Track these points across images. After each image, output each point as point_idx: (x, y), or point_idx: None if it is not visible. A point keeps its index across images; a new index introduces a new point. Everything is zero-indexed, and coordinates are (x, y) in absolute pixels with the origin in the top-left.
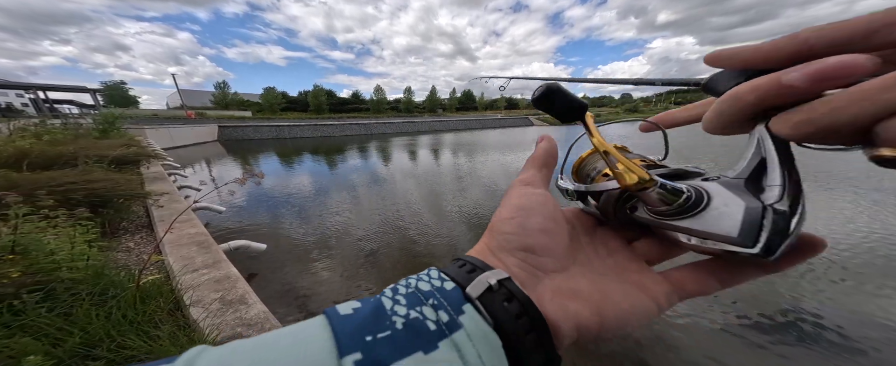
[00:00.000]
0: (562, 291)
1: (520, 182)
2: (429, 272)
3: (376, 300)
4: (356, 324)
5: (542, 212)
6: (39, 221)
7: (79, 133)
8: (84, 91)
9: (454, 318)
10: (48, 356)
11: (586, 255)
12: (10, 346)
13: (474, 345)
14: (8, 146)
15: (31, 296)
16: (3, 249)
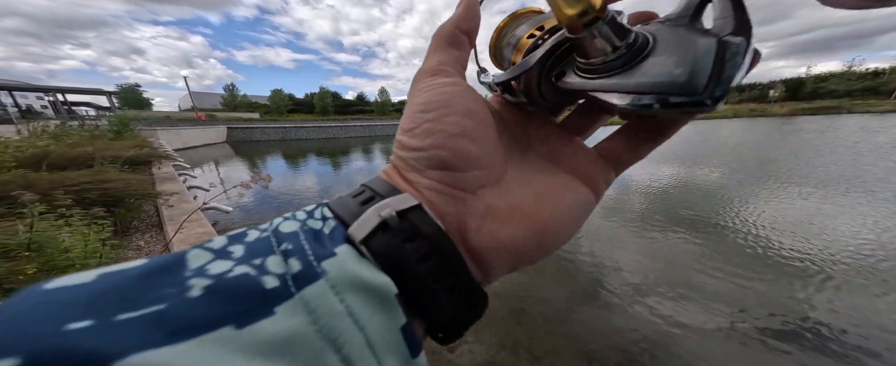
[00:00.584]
0: (493, 212)
1: (424, 72)
2: (313, 209)
3: (174, 257)
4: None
5: (459, 109)
6: (55, 219)
7: (94, 134)
8: (100, 93)
9: (311, 266)
10: None
11: (520, 151)
12: None
13: (342, 299)
14: (28, 147)
15: None
16: (19, 246)
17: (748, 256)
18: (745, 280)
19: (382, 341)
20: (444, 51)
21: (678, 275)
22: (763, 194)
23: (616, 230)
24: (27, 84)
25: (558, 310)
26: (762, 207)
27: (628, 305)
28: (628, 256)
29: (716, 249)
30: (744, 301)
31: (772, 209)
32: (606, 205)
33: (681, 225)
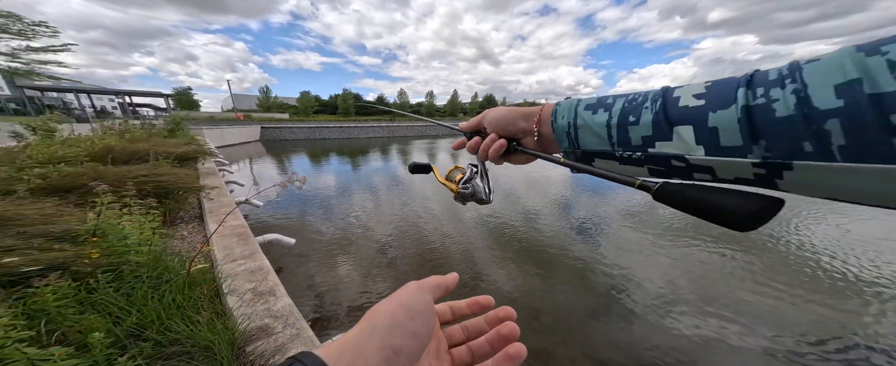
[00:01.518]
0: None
1: (417, 284)
2: None
3: None
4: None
5: (422, 316)
6: (119, 209)
7: (152, 132)
8: (159, 96)
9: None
10: (109, 334)
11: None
12: (80, 322)
13: None
14: (98, 143)
15: (105, 276)
16: (87, 231)
17: (799, 274)
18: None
19: None
20: (436, 284)
21: (713, 291)
22: (821, 208)
23: (643, 242)
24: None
25: (576, 319)
26: (821, 223)
27: (653, 319)
28: (656, 268)
29: (761, 265)
30: (789, 321)
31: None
32: (633, 215)
33: (720, 239)
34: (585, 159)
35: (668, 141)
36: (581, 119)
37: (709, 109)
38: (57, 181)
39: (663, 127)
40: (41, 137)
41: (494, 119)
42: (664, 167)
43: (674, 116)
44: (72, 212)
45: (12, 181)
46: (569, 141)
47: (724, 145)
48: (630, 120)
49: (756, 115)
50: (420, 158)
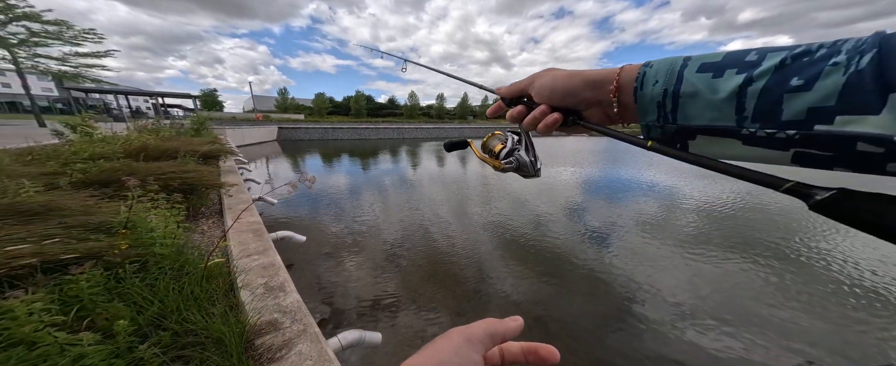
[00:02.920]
0: None
1: (464, 335)
2: None
3: None
4: None
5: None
6: (148, 202)
7: (180, 132)
8: (189, 97)
9: None
10: (132, 322)
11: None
12: (108, 309)
13: None
14: (133, 141)
15: (132, 267)
16: (119, 224)
17: (832, 292)
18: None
19: None
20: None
21: (735, 305)
22: None
23: (661, 251)
24: (137, 89)
25: (584, 328)
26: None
27: (666, 331)
28: (673, 279)
29: (790, 280)
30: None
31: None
32: (650, 223)
33: (745, 250)
34: (679, 137)
35: (866, 115)
36: (688, 85)
37: None
38: (96, 175)
39: (867, 93)
40: (81, 135)
41: (546, 87)
42: (833, 153)
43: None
44: (108, 204)
45: (57, 175)
46: (659, 113)
47: None
48: (792, 84)
49: None
50: (429, 158)
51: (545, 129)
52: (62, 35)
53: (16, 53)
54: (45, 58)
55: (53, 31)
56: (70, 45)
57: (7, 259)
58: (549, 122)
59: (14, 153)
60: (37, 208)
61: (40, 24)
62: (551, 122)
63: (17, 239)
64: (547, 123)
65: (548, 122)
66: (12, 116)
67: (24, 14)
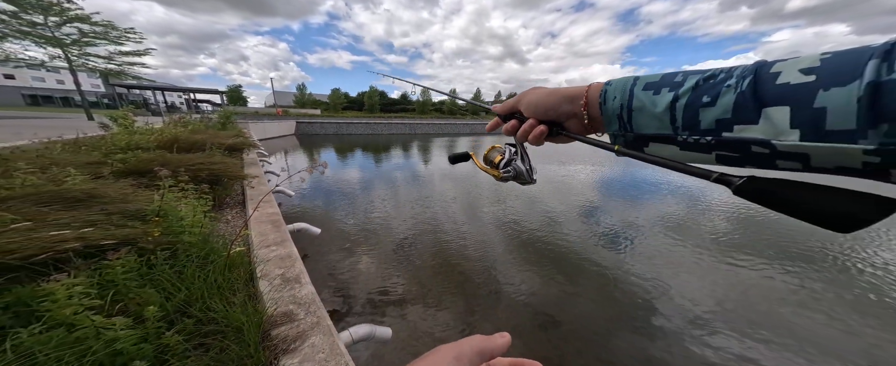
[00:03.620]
0: None
1: (453, 352)
2: None
3: None
4: None
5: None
6: (178, 192)
7: (208, 125)
8: (216, 93)
9: None
10: (161, 308)
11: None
12: (140, 295)
13: None
14: (166, 133)
15: (162, 254)
16: (153, 212)
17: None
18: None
19: None
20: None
21: (761, 314)
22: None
23: (683, 255)
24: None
25: (596, 330)
26: None
27: (681, 337)
28: (693, 285)
29: (825, 289)
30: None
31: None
32: (671, 225)
33: (776, 257)
34: (637, 144)
35: (751, 124)
36: (637, 100)
37: (820, 86)
38: (134, 165)
39: (749, 108)
40: (122, 128)
41: (532, 104)
42: (739, 154)
43: (767, 95)
44: (143, 193)
45: (101, 165)
46: (620, 123)
47: (830, 129)
48: (703, 101)
49: (886, 93)
50: (440, 155)
51: (535, 139)
52: (108, 35)
53: (69, 52)
54: (93, 56)
55: (100, 31)
56: (114, 44)
57: (53, 243)
58: (537, 133)
59: (65, 144)
60: (81, 196)
61: (89, 25)
62: (539, 133)
63: (62, 224)
64: (535, 134)
65: (536, 133)
66: (66, 110)
67: (77, 16)
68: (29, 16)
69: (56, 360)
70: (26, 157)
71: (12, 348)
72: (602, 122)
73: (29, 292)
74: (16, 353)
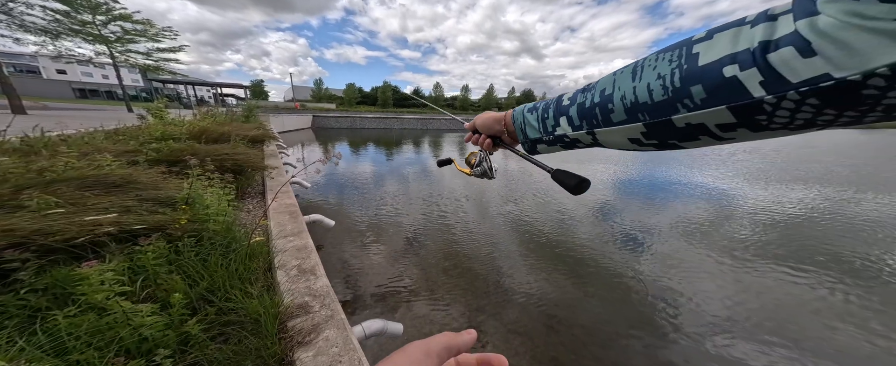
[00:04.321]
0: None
1: (422, 349)
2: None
3: None
4: None
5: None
6: (204, 181)
7: (233, 118)
8: (241, 87)
9: None
10: (185, 295)
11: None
12: (166, 281)
13: None
14: (196, 125)
15: (189, 241)
16: (182, 199)
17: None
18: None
19: None
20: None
21: (785, 324)
22: None
23: (702, 258)
24: (202, 80)
25: (610, 334)
26: None
27: (701, 345)
28: (714, 290)
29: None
30: None
31: None
32: (693, 227)
33: (806, 262)
34: (533, 147)
35: (558, 126)
36: (524, 118)
37: (571, 105)
38: (166, 154)
39: (557, 117)
40: (156, 119)
41: (481, 123)
42: (562, 143)
43: (560, 110)
44: (173, 181)
45: (137, 153)
46: (522, 135)
47: (575, 125)
48: (545, 116)
49: (581, 107)
50: (451, 150)
51: (487, 146)
52: (147, 32)
53: (113, 49)
54: (134, 53)
55: (140, 29)
56: (153, 41)
57: (91, 226)
58: (486, 144)
59: (106, 133)
60: (119, 182)
61: (131, 24)
62: (487, 143)
63: (101, 208)
64: (485, 144)
65: (485, 143)
66: (110, 103)
67: (121, 15)
68: (79, 15)
69: (86, 344)
70: (71, 143)
71: (44, 330)
72: (515, 135)
73: (65, 275)
74: (47, 335)
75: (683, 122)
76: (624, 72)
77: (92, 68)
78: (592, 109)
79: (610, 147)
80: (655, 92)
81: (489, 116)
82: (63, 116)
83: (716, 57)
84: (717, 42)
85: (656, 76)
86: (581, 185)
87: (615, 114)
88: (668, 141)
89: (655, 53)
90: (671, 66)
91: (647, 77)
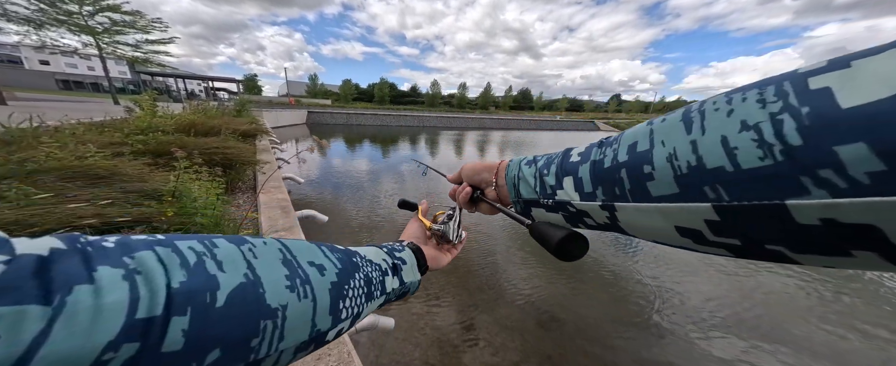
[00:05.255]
0: (424, 249)
1: (412, 221)
2: (400, 243)
3: (378, 244)
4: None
5: (417, 231)
6: (192, 174)
7: (224, 112)
8: (233, 81)
9: (402, 246)
10: None
11: (428, 243)
12: None
13: (407, 254)
14: (185, 118)
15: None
16: (168, 192)
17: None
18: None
19: (411, 264)
20: (423, 214)
21: (776, 324)
22: None
23: (692, 256)
24: (192, 74)
25: (600, 331)
26: None
27: (691, 344)
28: (703, 289)
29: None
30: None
31: None
32: None
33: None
34: (526, 209)
35: (561, 190)
36: (522, 172)
37: (580, 163)
38: (153, 147)
39: (559, 177)
40: (145, 111)
41: (467, 170)
42: (567, 213)
43: (565, 168)
44: (160, 173)
45: (122, 145)
46: (515, 192)
47: (585, 192)
48: (544, 172)
49: (596, 167)
50: (447, 148)
51: (463, 199)
52: (136, 24)
53: (100, 40)
54: (122, 44)
55: (129, 20)
56: (142, 33)
57: (72, 218)
58: (465, 194)
59: (90, 125)
60: (103, 173)
61: (120, 15)
62: (465, 193)
63: (83, 199)
64: (463, 194)
65: (464, 194)
66: (95, 95)
67: (109, 6)
68: (65, 5)
69: None
70: (53, 134)
71: None
72: (506, 190)
73: None
74: None
75: (817, 215)
76: (667, 120)
77: (77, 59)
78: (615, 170)
79: (641, 236)
80: (743, 153)
81: (476, 164)
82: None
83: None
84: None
85: (738, 125)
86: (567, 244)
87: (656, 182)
88: (767, 246)
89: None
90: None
91: (717, 126)
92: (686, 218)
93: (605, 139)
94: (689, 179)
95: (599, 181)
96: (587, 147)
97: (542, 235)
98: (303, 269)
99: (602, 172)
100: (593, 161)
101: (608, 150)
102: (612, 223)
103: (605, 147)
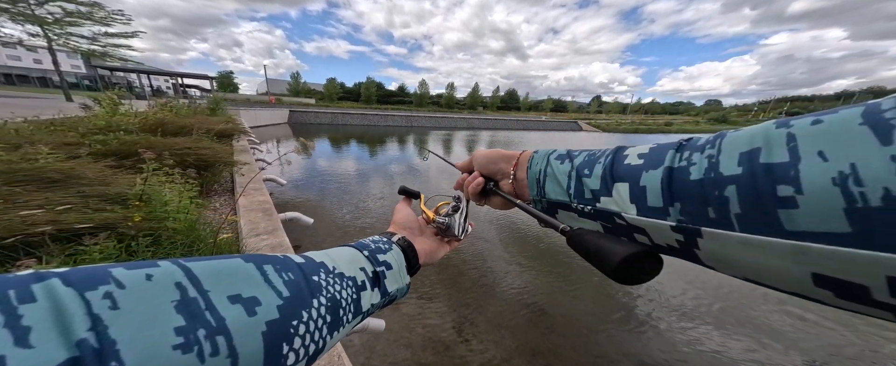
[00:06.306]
0: (418, 243)
1: (401, 205)
2: (387, 238)
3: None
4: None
5: (410, 219)
6: (162, 176)
7: (197, 110)
8: (206, 78)
9: (389, 244)
10: None
11: (423, 233)
12: None
13: (394, 254)
14: (151, 117)
15: (145, 240)
16: (135, 196)
17: None
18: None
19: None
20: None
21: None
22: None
23: None
24: (158, 69)
25: (588, 325)
26: None
27: (674, 333)
28: (681, 284)
29: None
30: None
31: None
32: None
33: None
34: (550, 210)
35: (609, 197)
36: (551, 167)
37: (643, 168)
38: (115, 147)
39: (607, 181)
40: (106, 109)
41: (481, 157)
42: (612, 225)
43: (617, 171)
44: (125, 176)
45: (78, 145)
46: (537, 189)
47: (650, 206)
48: (585, 172)
49: (675, 176)
50: (435, 148)
51: (473, 190)
52: (93, 15)
53: (49, 31)
54: (76, 37)
55: (86, 11)
56: (100, 25)
57: (24, 225)
58: (475, 184)
59: (39, 123)
60: (57, 176)
61: (75, 5)
62: (476, 184)
63: (35, 205)
64: (474, 185)
65: (474, 184)
66: (43, 91)
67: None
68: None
69: None
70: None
71: None
72: (525, 184)
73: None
74: None
75: None
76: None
77: (21, 51)
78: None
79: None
80: None
81: (491, 151)
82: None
83: None
84: None
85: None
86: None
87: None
88: None
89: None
90: None
91: None
92: (851, 269)
93: (684, 141)
94: (877, 215)
95: (678, 196)
96: (652, 148)
97: (593, 248)
98: (215, 311)
99: (685, 186)
100: (669, 168)
101: (696, 155)
102: (684, 249)
103: (690, 151)
